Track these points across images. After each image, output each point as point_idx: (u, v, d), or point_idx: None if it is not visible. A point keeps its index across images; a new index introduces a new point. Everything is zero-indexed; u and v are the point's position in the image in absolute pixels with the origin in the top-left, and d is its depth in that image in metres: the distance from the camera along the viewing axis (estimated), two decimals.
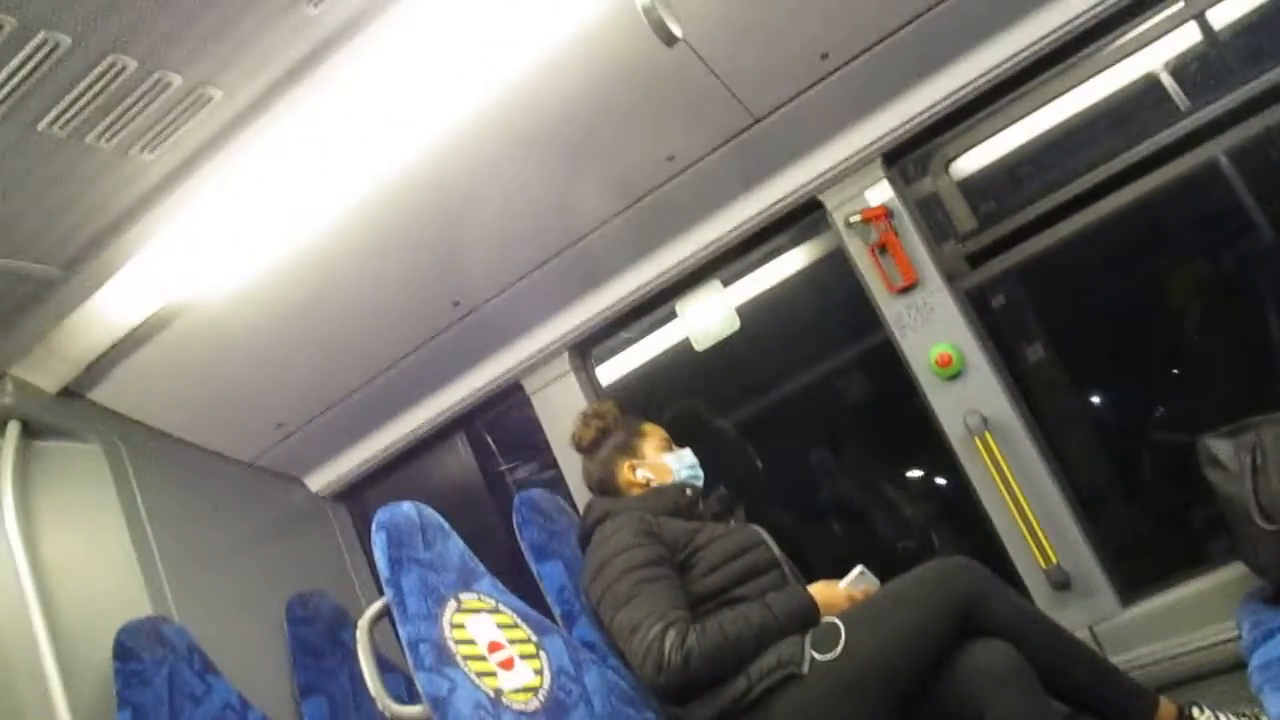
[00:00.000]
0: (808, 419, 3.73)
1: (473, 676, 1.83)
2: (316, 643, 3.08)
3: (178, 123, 2.07)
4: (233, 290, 2.65)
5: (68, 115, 1.93)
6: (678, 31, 2.18)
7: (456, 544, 2.12)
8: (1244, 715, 2.08)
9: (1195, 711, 2.13)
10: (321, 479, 3.56)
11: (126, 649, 2.46)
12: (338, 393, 3.23)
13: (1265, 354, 2.99)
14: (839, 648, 2.12)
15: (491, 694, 1.83)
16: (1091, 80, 2.75)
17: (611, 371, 3.43)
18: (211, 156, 2.20)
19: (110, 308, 2.54)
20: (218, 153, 2.19)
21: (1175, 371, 3.19)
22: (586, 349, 3.29)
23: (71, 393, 2.83)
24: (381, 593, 1.90)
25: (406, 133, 2.41)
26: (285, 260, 2.62)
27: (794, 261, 3.25)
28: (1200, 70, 2.74)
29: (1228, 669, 2.25)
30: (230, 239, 2.48)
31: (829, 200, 2.87)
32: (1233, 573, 2.35)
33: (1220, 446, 2.18)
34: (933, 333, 2.76)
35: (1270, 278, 3.02)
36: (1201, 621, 2.42)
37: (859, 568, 2.42)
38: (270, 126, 2.16)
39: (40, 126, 1.92)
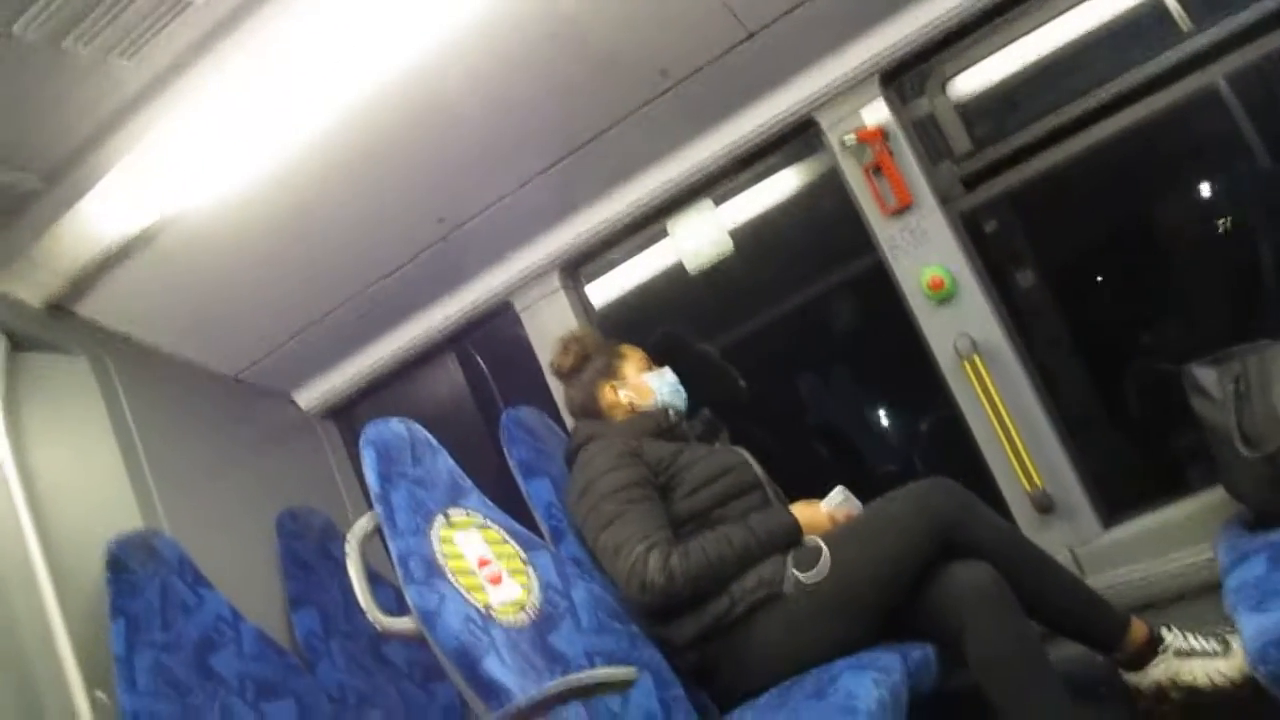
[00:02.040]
0: (798, 343, 3.73)
1: (462, 590, 1.85)
2: (307, 556, 3.11)
3: (157, 27, 2.02)
4: (218, 203, 2.61)
5: (41, 18, 1.87)
6: None
7: (445, 461, 2.13)
8: (1212, 635, 2.14)
9: (1164, 631, 2.19)
10: (311, 395, 3.56)
11: (119, 560, 2.48)
12: (325, 307, 3.20)
13: (1256, 283, 2.99)
14: (819, 567, 2.16)
15: (481, 608, 1.85)
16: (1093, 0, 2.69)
17: (603, 292, 3.41)
18: (192, 65, 2.15)
19: (94, 219, 2.50)
20: (199, 61, 2.15)
21: (1164, 299, 3.19)
22: (576, 267, 3.26)
23: (58, 307, 2.80)
24: (371, 508, 1.91)
25: (394, 44, 2.35)
26: (271, 172, 2.57)
27: (787, 183, 3.22)
28: None
29: (1204, 590, 2.29)
30: (214, 150, 2.43)
31: (824, 119, 2.83)
32: (1212, 498, 2.38)
33: (1205, 374, 2.19)
34: (925, 255, 2.75)
35: (1263, 207, 3.00)
36: (1180, 544, 2.46)
37: (839, 488, 2.45)
38: (252, 35, 2.12)
39: (15, 30, 1.86)
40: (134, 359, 2.96)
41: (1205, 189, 3.16)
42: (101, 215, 2.50)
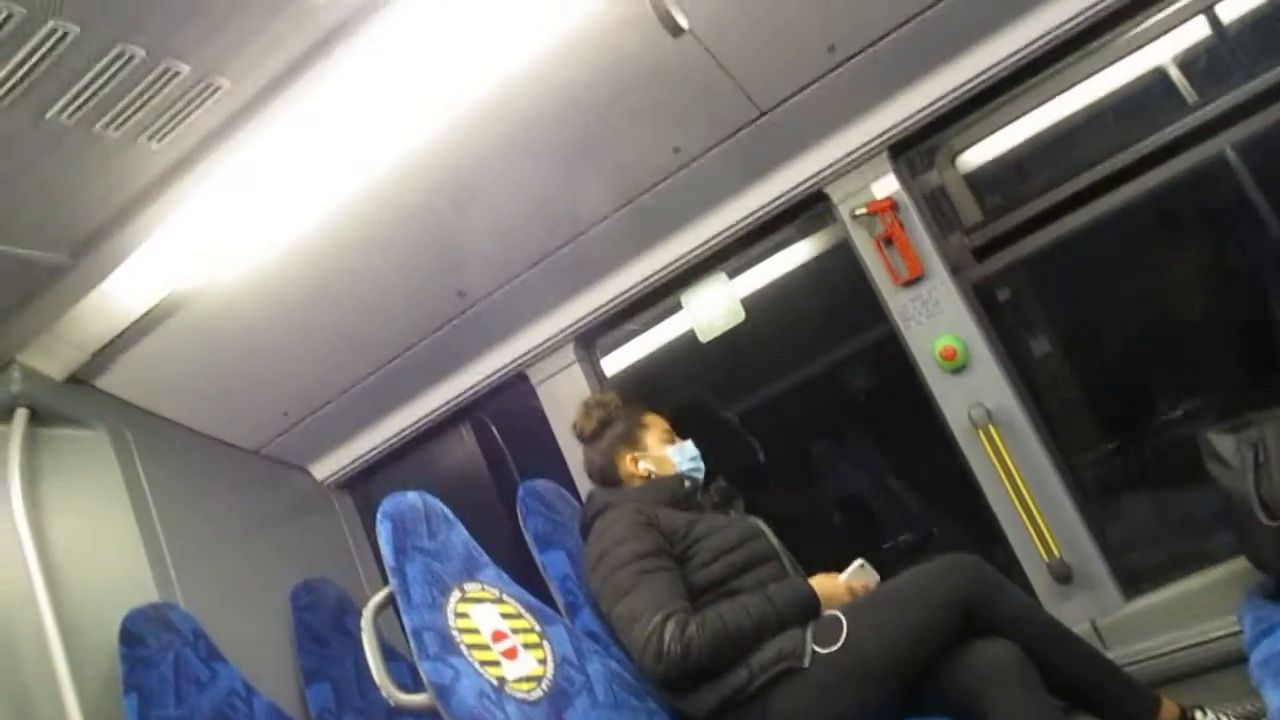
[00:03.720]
0: (812, 411, 3.72)
1: (476, 665, 1.84)
2: (321, 630, 3.10)
3: (185, 112, 2.08)
4: (239, 279, 2.67)
5: (76, 104, 1.94)
6: (684, 23, 2.19)
7: (460, 533, 2.13)
8: (1246, 715, 2.09)
9: (1199, 714, 2.13)
10: (327, 468, 3.58)
11: (132, 634, 2.48)
12: (343, 383, 3.24)
13: (1269, 349, 2.98)
14: (841, 641, 2.13)
15: (495, 682, 1.84)
16: (1099, 74, 2.74)
17: (617, 363, 3.43)
18: (219, 145, 2.21)
19: (117, 295, 2.56)
20: (225, 142, 2.20)
21: (1180, 366, 3.18)
22: (592, 340, 3.29)
23: (79, 380, 2.85)
24: (386, 581, 1.91)
25: (412, 123, 2.42)
26: (291, 250, 2.63)
27: (799, 254, 3.25)
28: (1208, 64, 2.73)
29: (1229, 664, 2.25)
30: (237, 228, 2.49)
31: (835, 192, 2.87)
32: (1235, 568, 2.35)
33: (1223, 442, 2.18)
34: (938, 325, 2.76)
35: (1274, 272, 3.01)
36: (1203, 616, 2.42)
37: (859, 561, 2.44)
38: (277, 116, 2.17)
39: (48, 115, 1.93)
40: (152, 432, 2.99)
41: (1216, 254, 3.17)
42: (126, 291, 2.55)
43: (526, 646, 2.00)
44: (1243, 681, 1.88)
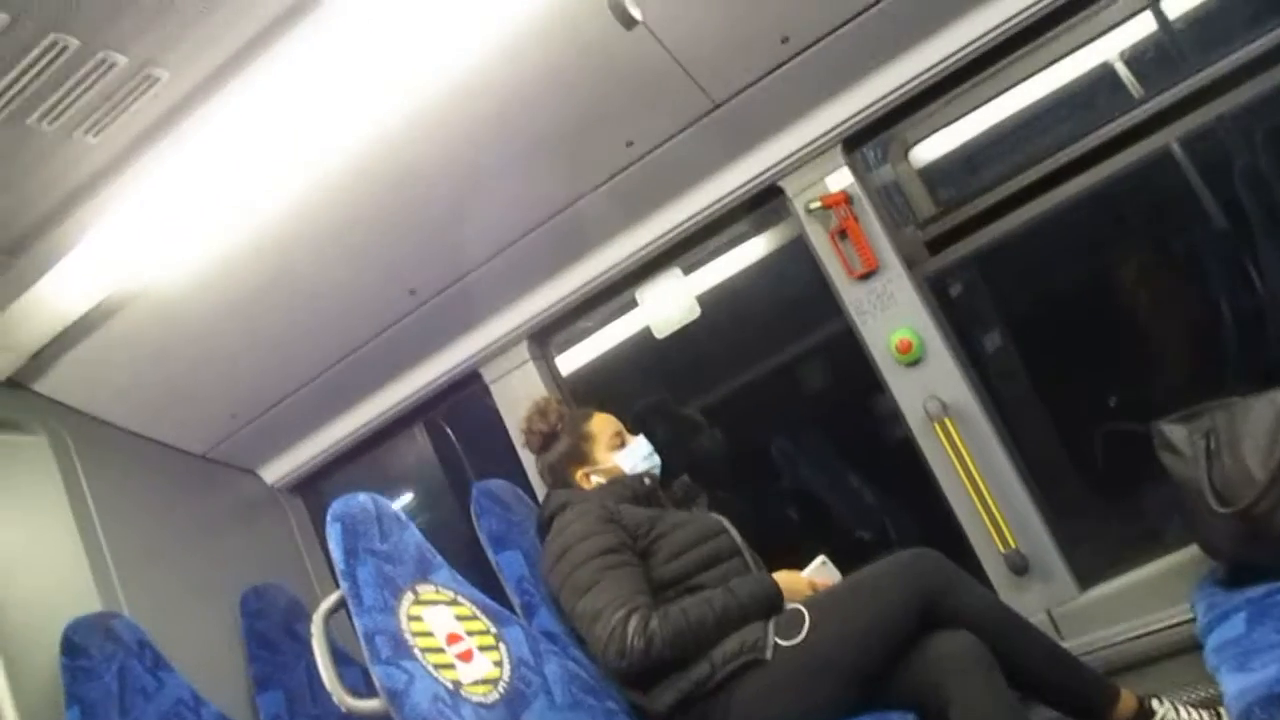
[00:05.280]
0: (769, 408, 3.73)
1: (430, 669, 1.81)
2: (272, 635, 3.04)
3: (123, 104, 2.02)
4: (182, 278, 2.60)
5: (8, 96, 1.88)
6: (637, 15, 2.17)
7: (413, 535, 2.10)
8: (1204, 707, 2.12)
9: (1155, 703, 2.17)
10: (276, 470, 3.51)
11: (74, 645, 2.41)
12: (292, 383, 3.17)
13: (1218, 339, 3.03)
14: (803, 634, 2.13)
15: (450, 686, 1.81)
16: (1049, 69, 2.76)
17: (573, 360, 3.40)
18: (159, 139, 2.15)
19: (56, 295, 2.47)
20: (165, 136, 2.14)
21: (1132, 357, 3.22)
22: (546, 337, 3.26)
23: (16, 383, 2.77)
24: (337, 585, 1.87)
25: (360, 117, 2.36)
26: (236, 247, 2.57)
27: (755, 249, 3.24)
28: (1154, 59, 2.77)
29: (1184, 650, 2.28)
30: (180, 225, 2.42)
31: (789, 186, 2.86)
32: (1187, 555, 2.38)
33: (1175, 431, 2.20)
34: (893, 319, 2.77)
35: (1220, 263, 3.06)
36: (1158, 604, 2.45)
37: (821, 558, 2.45)
38: (219, 109, 2.12)
39: None
40: (94, 436, 2.91)
41: (1164, 247, 3.22)
42: (64, 291, 2.47)
43: (482, 649, 1.97)
44: (1198, 668, 1.89)
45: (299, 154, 2.38)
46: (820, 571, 2.41)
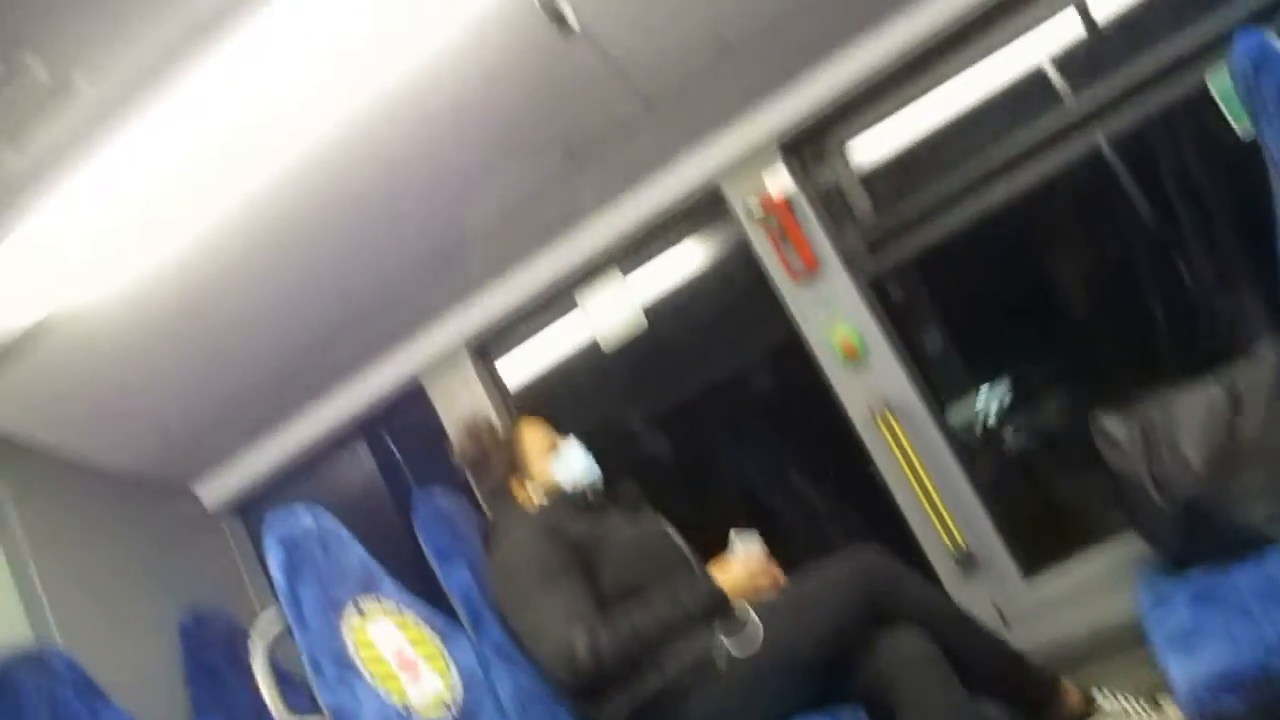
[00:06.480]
0: (716, 413, 3.73)
1: (379, 688, 1.77)
2: (214, 661, 2.95)
3: (42, 114, 1.94)
4: (109, 295, 2.51)
5: None
6: (573, 20, 2.16)
7: (357, 550, 2.06)
8: (1144, 696, 2.16)
9: (1095, 693, 2.23)
10: (214, 491, 3.41)
11: (3, 681, 2.31)
12: (226, 399, 3.08)
13: (1150, 334, 3.10)
14: (750, 634, 2.13)
15: (401, 709, 1.77)
16: (981, 71, 2.80)
17: (520, 369, 3.35)
18: (82, 151, 2.07)
19: None
20: (88, 147, 2.06)
21: (1069, 353, 3.28)
22: (486, 345, 3.22)
23: None
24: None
25: (291, 125, 2.31)
26: (164, 262, 2.49)
27: (698, 254, 3.24)
28: (1082, 62, 2.82)
29: (1129, 638, 2.30)
30: (104, 240, 2.34)
31: (729, 189, 2.87)
32: (1129, 545, 2.41)
33: (1113, 424, 2.23)
34: (835, 319, 2.78)
35: (1149, 260, 3.13)
36: (1101, 592, 2.48)
37: (733, 533, 2.44)
38: (144, 119, 2.05)
39: None
40: (19, 460, 2.81)
41: (1096, 245, 3.28)
42: None
43: (428, 659, 1.94)
44: (1144, 655, 1.92)
45: (227, 164, 2.32)
46: (743, 548, 2.41)
